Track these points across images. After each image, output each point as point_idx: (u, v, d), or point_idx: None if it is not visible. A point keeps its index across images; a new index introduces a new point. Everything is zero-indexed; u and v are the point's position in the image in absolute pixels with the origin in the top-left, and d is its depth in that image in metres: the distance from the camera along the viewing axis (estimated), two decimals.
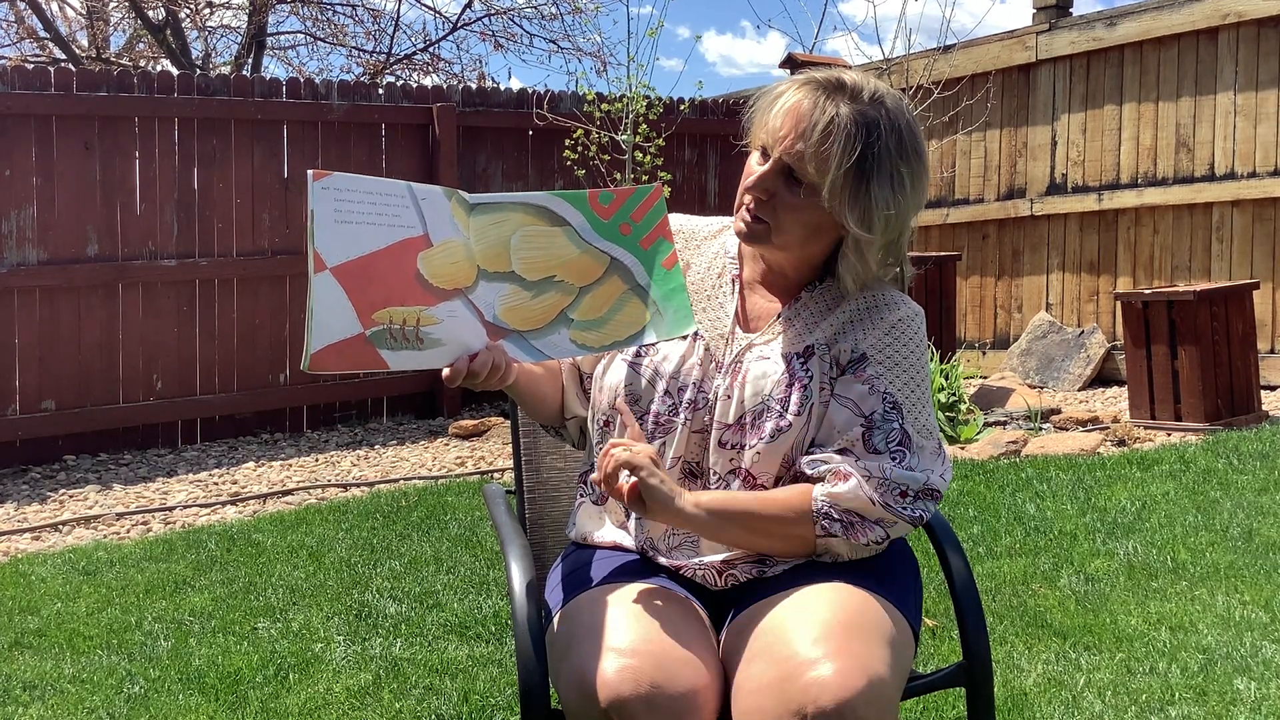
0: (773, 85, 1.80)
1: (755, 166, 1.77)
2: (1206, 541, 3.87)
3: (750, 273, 1.89)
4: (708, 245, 1.94)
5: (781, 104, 1.74)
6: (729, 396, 1.78)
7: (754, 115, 1.79)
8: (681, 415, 1.79)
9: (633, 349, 1.84)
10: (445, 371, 1.67)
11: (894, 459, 1.71)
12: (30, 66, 6.76)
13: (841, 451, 1.73)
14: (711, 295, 1.88)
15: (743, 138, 1.83)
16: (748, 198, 1.77)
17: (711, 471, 1.78)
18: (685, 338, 1.82)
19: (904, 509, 1.70)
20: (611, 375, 1.87)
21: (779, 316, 1.83)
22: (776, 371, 1.77)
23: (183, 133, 6.85)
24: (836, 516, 1.70)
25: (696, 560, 1.77)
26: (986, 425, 6.18)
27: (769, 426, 1.74)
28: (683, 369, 1.81)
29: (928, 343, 1.83)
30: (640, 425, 1.81)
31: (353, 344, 1.60)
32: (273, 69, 17.13)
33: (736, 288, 1.88)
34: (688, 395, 1.80)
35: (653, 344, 1.84)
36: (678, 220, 1.94)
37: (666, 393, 1.81)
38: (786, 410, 1.74)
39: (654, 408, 1.81)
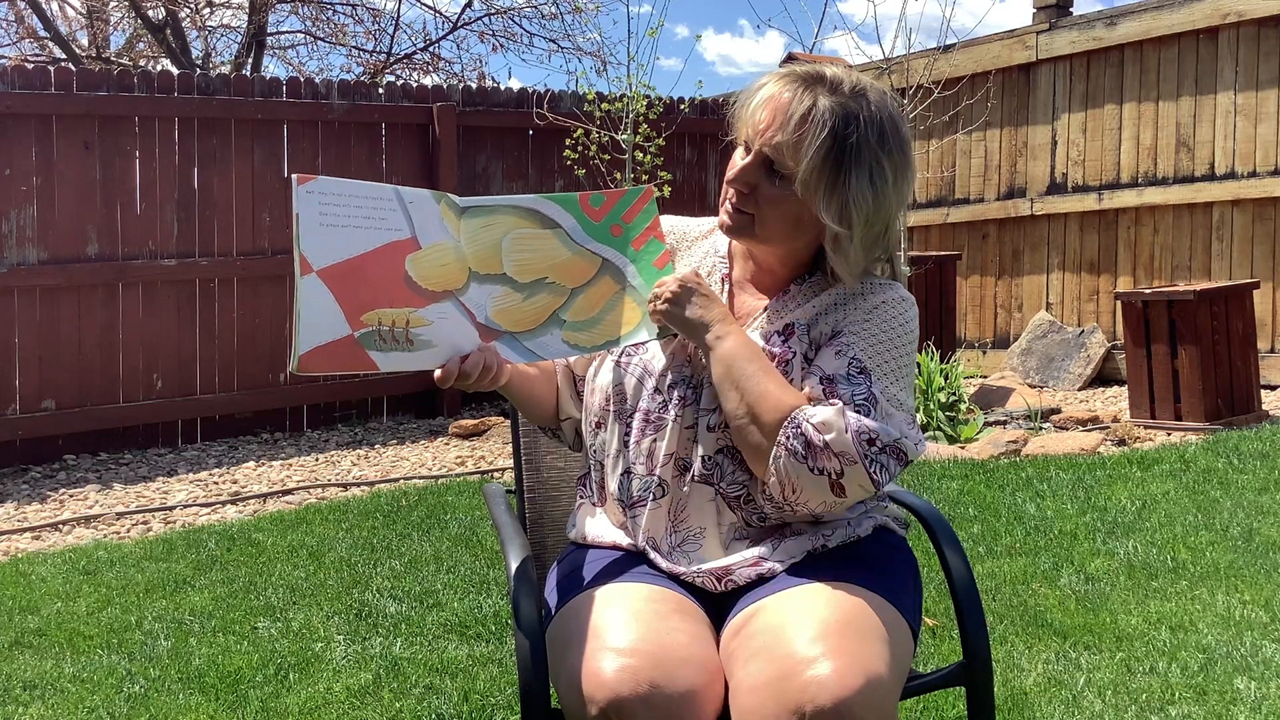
0: (755, 79, 1.80)
1: (738, 160, 1.78)
2: (1206, 541, 3.87)
3: (740, 271, 1.89)
4: (698, 245, 1.95)
5: (762, 96, 1.75)
6: (712, 383, 1.78)
7: (737, 110, 1.80)
8: (672, 411, 1.79)
9: (621, 349, 1.85)
10: (437, 373, 1.68)
11: (859, 412, 1.68)
12: (30, 66, 6.76)
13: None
14: None
15: (728, 133, 1.83)
16: (731, 192, 1.78)
17: (702, 457, 1.77)
18: (676, 336, 1.83)
19: (866, 455, 1.65)
20: (602, 376, 1.87)
21: (765, 309, 1.83)
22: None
23: (183, 132, 6.85)
24: (804, 433, 1.66)
25: (696, 568, 1.77)
26: (986, 425, 6.18)
27: None
28: (671, 366, 1.82)
29: (916, 330, 1.80)
30: (631, 424, 1.82)
31: (341, 345, 1.60)
32: (273, 69, 17.15)
33: (726, 287, 1.88)
34: (678, 392, 1.80)
35: (644, 343, 1.84)
36: (668, 221, 1.94)
37: (656, 390, 1.81)
38: None
39: (643, 405, 1.81)
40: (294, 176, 1.60)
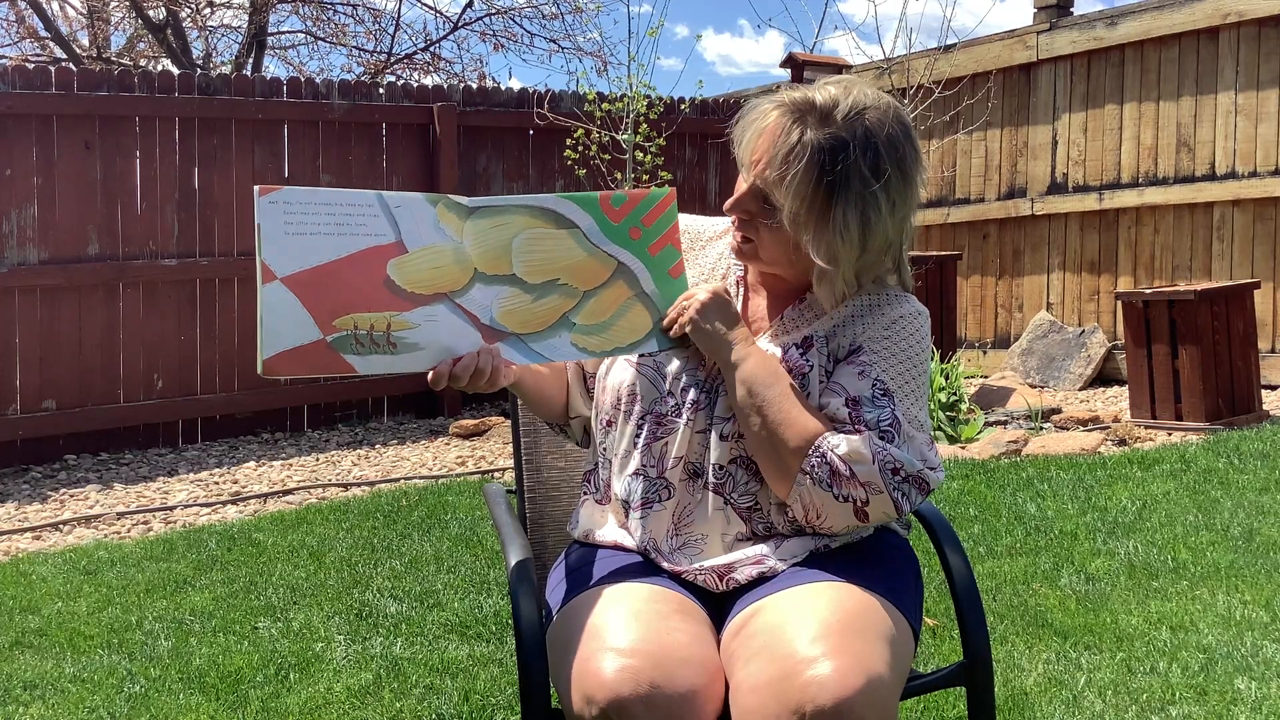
0: (756, 101, 1.79)
1: (740, 185, 1.79)
2: (1207, 541, 3.86)
3: (754, 274, 1.89)
4: (712, 246, 1.95)
5: (755, 127, 1.75)
6: (727, 390, 1.78)
7: (736, 133, 1.79)
8: (684, 415, 1.79)
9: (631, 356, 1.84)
10: (429, 375, 1.68)
11: (884, 438, 1.70)
12: (31, 66, 6.76)
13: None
14: None
15: (733, 151, 1.83)
16: (734, 219, 1.80)
17: (714, 466, 1.77)
18: (687, 347, 1.82)
19: (891, 484, 1.68)
20: (614, 376, 1.87)
21: (781, 317, 1.83)
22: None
23: (183, 132, 6.85)
24: (829, 461, 1.67)
25: (698, 565, 1.77)
26: (987, 425, 6.18)
27: None
28: (685, 369, 1.82)
29: (929, 344, 1.82)
30: (642, 425, 1.82)
31: (311, 350, 1.62)
32: (273, 69, 17.14)
33: (741, 290, 1.88)
34: (690, 395, 1.80)
35: (653, 353, 1.83)
36: (683, 220, 1.94)
37: (669, 393, 1.81)
38: None
39: (656, 408, 1.81)
40: (256, 188, 1.62)
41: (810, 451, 1.68)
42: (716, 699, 1.60)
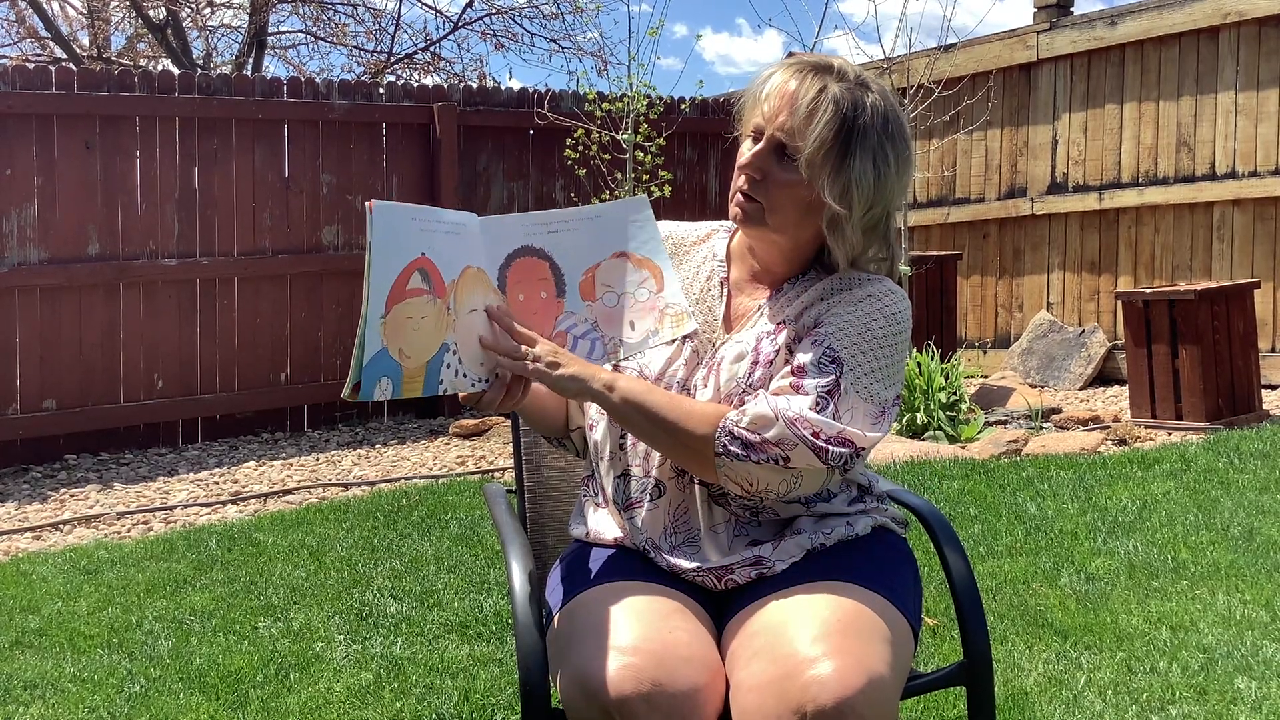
0: (762, 70, 1.82)
1: (748, 149, 1.80)
2: (1207, 540, 3.86)
3: (738, 273, 1.90)
4: (696, 251, 1.95)
5: (772, 84, 1.78)
6: (705, 384, 1.79)
7: (745, 101, 1.82)
8: None
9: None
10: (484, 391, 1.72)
11: (817, 406, 1.68)
12: (31, 66, 6.77)
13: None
14: (700, 299, 1.89)
15: (734, 128, 1.84)
16: (742, 179, 1.79)
17: None
18: (672, 341, 1.83)
19: (804, 438, 1.65)
20: None
21: (759, 309, 1.84)
22: (749, 352, 1.78)
23: (183, 132, 6.85)
24: (737, 434, 1.67)
25: (696, 565, 1.77)
26: (987, 424, 6.18)
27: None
28: (668, 370, 1.82)
29: (904, 321, 1.78)
30: None
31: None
32: (273, 68, 17.13)
33: (724, 290, 1.89)
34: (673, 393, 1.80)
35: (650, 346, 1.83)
36: (665, 227, 1.94)
37: None
38: (754, 385, 1.76)
39: None
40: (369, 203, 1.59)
41: (717, 434, 1.69)
42: (718, 698, 1.60)
